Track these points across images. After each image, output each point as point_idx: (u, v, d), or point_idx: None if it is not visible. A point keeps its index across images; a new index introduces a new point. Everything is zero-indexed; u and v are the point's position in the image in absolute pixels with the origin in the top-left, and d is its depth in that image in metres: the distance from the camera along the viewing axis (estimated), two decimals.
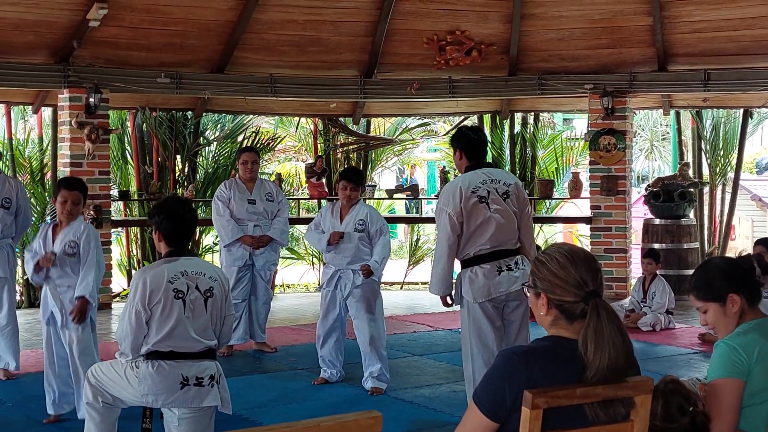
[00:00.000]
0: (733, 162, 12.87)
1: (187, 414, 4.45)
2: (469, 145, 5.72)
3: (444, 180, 12.33)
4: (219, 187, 8.32)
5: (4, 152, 11.73)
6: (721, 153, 12.82)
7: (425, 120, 14.99)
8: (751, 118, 12.86)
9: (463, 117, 13.94)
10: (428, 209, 18.02)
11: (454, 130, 6.07)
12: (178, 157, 12.10)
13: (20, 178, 11.77)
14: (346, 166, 13.30)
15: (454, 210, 5.50)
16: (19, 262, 11.47)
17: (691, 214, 11.82)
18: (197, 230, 12.09)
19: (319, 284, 13.34)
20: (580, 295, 2.74)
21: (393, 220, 15.59)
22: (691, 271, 12.24)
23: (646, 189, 12.14)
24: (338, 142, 13.32)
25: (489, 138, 13.19)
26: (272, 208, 8.19)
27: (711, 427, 3.31)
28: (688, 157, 13.04)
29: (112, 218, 10.78)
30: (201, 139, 12.53)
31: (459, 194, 5.53)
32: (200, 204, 12.07)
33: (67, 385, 6.07)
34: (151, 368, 4.40)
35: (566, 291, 2.76)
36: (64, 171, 10.27)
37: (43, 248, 5.92)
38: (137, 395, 4.47)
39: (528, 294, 2.90)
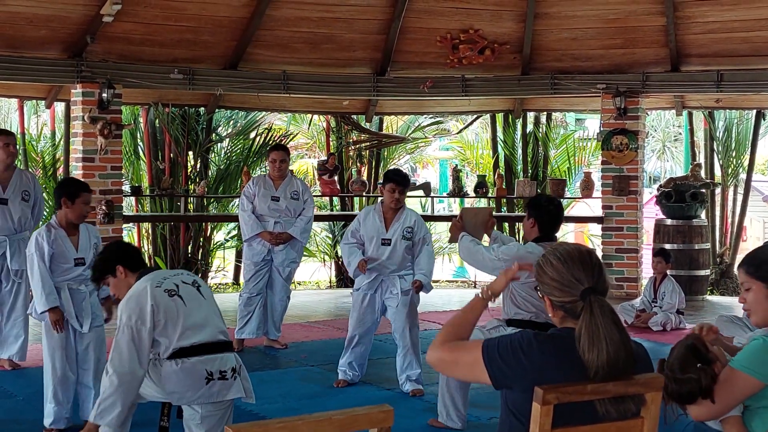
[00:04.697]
0: (745, 163, 12.84)
1: (211, 411, 4.42)
2: (543, 216, 5.45)
3: (456, 178, 12.33)
4: (247, 183, 8.52)
5: (17, 147, 11.79)
6: (734, 154, 12.80)
7: (438, 118, 14.98)
8: (764, 119, 12.83)
9: (475, 116, 13.93)
10: (440, 208, 18.00)
11: (532, 199, 5.80)
12: (191, 153, 12.13)
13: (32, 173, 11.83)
14: (358, 164, 13.32)
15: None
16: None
17: (703, 215, 11.79)
18: (208, 226, 12.12)
19: (330, 282, 13.36)
20: (576, 294, 2.77)
21: None
22: (702, 272, 12.16)
23: (657, 189, 12.11)
24: (350, 140, 13.33)
25: (501, 137, 13.19)
26: (296, 207, 8.24)
27: (709, 401, 3.25)
28: (700, 158, 13.01)
29: (124, 213, 10.81)
30: (213, 135, 12.56)
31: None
32: (212, 200, 12.10)
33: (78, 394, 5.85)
34: (174, 366, 4.37)
35: (563, 292, 2.80)
36: (76, 166, 10.31)
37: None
38: (160, 393, 4.45)
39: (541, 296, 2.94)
